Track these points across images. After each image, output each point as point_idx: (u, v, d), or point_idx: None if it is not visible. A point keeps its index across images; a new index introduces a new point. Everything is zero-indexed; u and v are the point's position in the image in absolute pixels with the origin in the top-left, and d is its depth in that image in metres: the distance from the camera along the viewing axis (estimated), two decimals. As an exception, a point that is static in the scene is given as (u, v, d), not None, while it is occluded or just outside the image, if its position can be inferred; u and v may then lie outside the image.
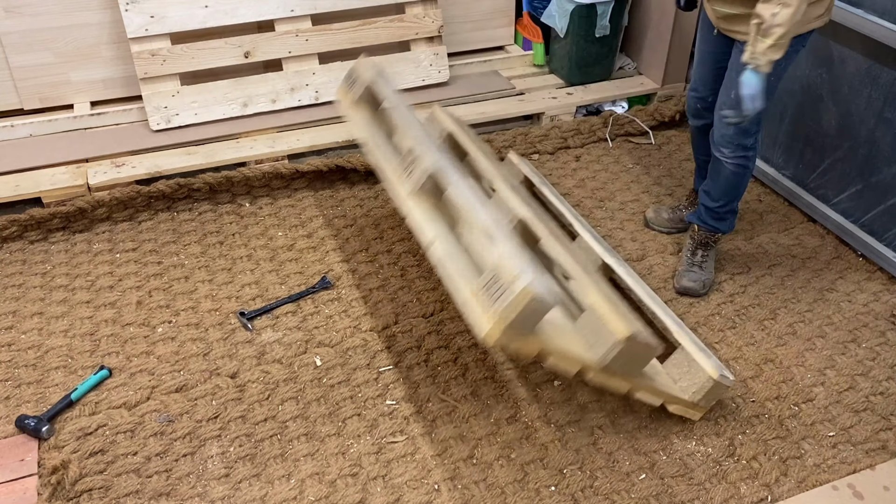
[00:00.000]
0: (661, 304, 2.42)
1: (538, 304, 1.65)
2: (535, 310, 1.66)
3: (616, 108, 3.65)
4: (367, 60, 2.54)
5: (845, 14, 2.68)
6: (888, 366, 2.40)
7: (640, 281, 2.50)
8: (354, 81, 2.51)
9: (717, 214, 2.63)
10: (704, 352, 2.21)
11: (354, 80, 2.52)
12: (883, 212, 2.77)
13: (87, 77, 3.22)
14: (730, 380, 2.15)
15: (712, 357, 2.20)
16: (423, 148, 2.10)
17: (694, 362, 2.16)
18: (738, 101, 2.22)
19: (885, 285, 2.72)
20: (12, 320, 2.49)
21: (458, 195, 1.96)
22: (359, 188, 3.14)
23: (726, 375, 2.15)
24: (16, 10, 3.02)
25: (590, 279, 2.09)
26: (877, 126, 2.72)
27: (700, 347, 2.22)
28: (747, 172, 2.53)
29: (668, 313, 2.37)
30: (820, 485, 2.05)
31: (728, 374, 2.17)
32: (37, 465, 2.02)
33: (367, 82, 2.45)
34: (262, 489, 2.00)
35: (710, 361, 2.16)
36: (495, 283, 1.69)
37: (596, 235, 2.68)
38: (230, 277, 2.67)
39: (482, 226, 1.84)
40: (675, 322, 2.33)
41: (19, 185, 2.89)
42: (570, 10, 3.49)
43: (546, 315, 1.71)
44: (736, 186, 2.56)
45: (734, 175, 2.52)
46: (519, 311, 1.64)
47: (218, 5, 3.16)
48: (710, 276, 2.68)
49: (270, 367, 2.33)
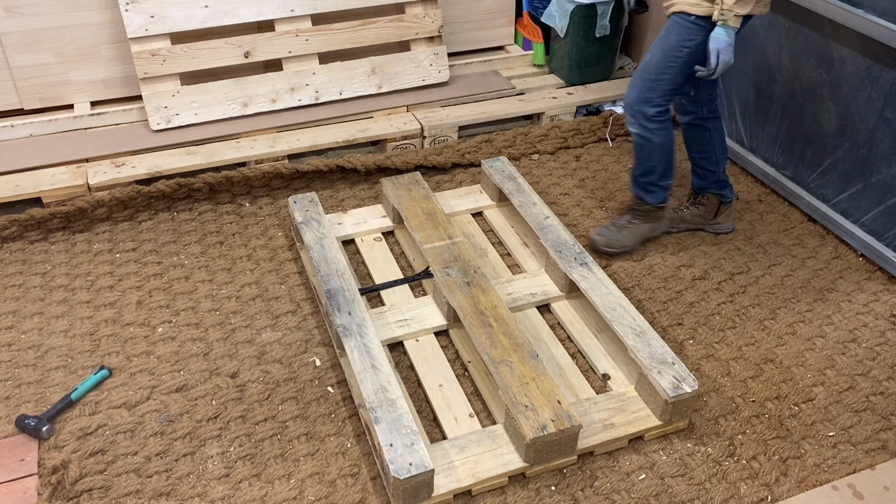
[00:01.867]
0: (623, 313, 2.32)
1: (416, 483, 1.86)
2: (418, 485, 1.88)
3: (616, 107, 3.65)
4: (304, 198, 2.76)
5: (845, 14, 2.68)
6: (888, 366, 2.40)
7: (606, 286, 2.42)
8: (291, 223, 2.68)
9: (640, 184, 2.71)
10: (663, 365, 2.15)
11: (292, 220, 2.69)
12: (883, 212, 2.77)
13: (87, 77, 3.22)
14: (690, 389, 2.09)
15: (672, 366, 2.15)
16: (332, 304, 2.31)
17: (651, 386, 2.14)
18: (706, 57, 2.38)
19: (885, 285, 2.72)
20: (12, 320, 2.49)
21: (350, 363, 2.15)
22: (359, 188, 3.14)
23: (684, 389, 2.09)
24: (16, 10, 3.02)
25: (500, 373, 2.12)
26: (877, 126, 2.72)
27: (659, 360, 2.16)
28: (652, 146, 2.56)
29: (631, 324, 2.29)
30: (820, 485, 2.05)
31: (686, 384, 2.10)
32: (37, 465, 2.02)
33: (297, 223, 2.65)
34: (262, 489, 2.00)
35: (665, 379, 2.11)
36: (383, 471, 1.95)
37: (560, 240, 2.60)
38: (230, 277, 2.67)
39: (367, 403, 2.02)
40: (635, 336, 2.25)
41: (19, 185, 2.89)
42: (570, 10, 3.49)
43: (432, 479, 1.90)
44: (644, 160, 2.61)
45: (638, 147, 2.59)
46: (402, 496, 1.87)
47: (218, 5, 3.16)
48: (625, 242, 2.73)
49: (270, 367, 2.33)
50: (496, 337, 2.22)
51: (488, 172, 2.96)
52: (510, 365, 2.13)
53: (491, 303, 2.34)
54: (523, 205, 2.79)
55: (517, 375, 2.10)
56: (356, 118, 3.36)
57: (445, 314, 2.41)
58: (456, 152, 3.27)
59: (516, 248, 2.80)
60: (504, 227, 2.90)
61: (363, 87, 3.41)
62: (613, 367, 2.33)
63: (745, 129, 3.33)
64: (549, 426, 1.96)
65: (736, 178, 3.28)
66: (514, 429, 2.00)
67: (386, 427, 1.94)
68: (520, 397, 2.03)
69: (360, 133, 3.26)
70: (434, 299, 2.49)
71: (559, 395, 2.04)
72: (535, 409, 2.00)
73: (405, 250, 2.77)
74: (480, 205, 2.98)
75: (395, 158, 3.18)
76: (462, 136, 3.43)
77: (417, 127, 3.32)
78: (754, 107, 3.25)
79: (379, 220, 2.87)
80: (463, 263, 2.48)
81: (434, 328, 2.41)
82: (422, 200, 2.76)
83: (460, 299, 2.34)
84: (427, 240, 2.59)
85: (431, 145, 3.35)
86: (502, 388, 2.06)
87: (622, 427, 2.12)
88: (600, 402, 2.19)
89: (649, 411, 2.16)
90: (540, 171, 3.29)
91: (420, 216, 2.69)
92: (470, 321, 2.27)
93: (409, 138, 3.32)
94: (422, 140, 3.34)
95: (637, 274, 2.73)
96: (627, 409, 2.17)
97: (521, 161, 3.35)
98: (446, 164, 3.24)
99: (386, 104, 3.42)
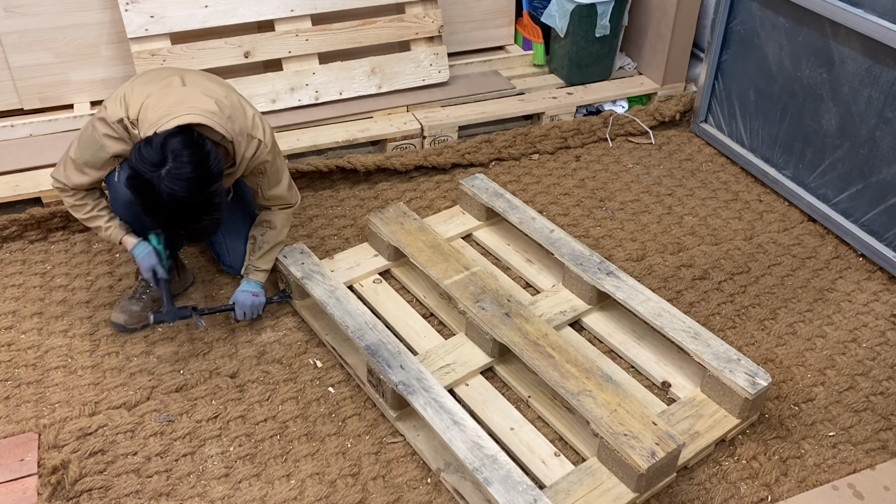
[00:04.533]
0: (671, 317, 2.32)
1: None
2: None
3: (616, 107, 3.65)
4: (293, 250, 2.53)
5: (845, 14, 2.68)
6: (888, 366, 2.40)
7: (641, 292, 2.40)
8: (287, 280, 2.52)
9: None
10: (730, 363, 2.15)
11: (286, 278, 2.52)
12: (883, 212, 2.77)
13: (87, 77, 3.22)
14: (766, 383, 2.10)
15: (740, 363, 2.16)
16: (380, 361, 2.14)
17: (725, 386, 2.12)
18: None
19: (885, 285, 2.72)
20: (12, 320, 2.48)
21: (426, 422, 2.02)
22: (359, 188, 3.14)
23: (760, 383, 2.10)
24: (16, 10, 3.01)
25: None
26: (877, 126, 2.72)
27: (725, 359, 2.17)
28: None
29: (682, 327, 2.28)
30: (820, 485, 2.05)
31: (760, 377, 2.12)
32: (37, 465, 2.02)
33: (297, 280, 2.45)
34: (262, 489, 2.00)
35: (739, 377, 2.11)
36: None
37: (576, 252, 2.54)
38: (230, 277, 2.67)
39: (468, 464, 1.91)
40: (692, 338, 2.23)
41: (19, 185, 2.89)
42: (570, 9, 3.49)
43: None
44: None
45: None
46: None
47: (218, 5, 3.16)
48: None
49: (270, 367, 2.33)
50: (563, 367, 2.12)
51: (471, 192, 2.83)
52: (591, 395, 2.04)
53: (541, 331, 2.23)
54: (523, 221, 2.69)
55: (602, 404, 2.02)
56: (356, 118, 3.36)
57: (489, 350, 2.28)
58: (456, 152, 3.27)
59: (522, 267, 2.70)
60: (500, 246, 2.78)
61: (363, 86, 3.41)
62: (669, 373, 2.29)
63: (745, 129, 3.33)
64: (658, 451, 1.90)
65: (736, 178, 3.28)
66: (618, 460, 1.92)
67: (501, 487, 1.83)
68: (615, 427, 1.95)
69: (360, 133, 3.26)
70: (469, 336, 2.34)
71: (653, 416, 1.99)
72: (635, 436, 1.93)
73: (410, 288, 2.60)
74: (468, 227, 2.84)
75: (395, 159, 3.18)
76: (462, 136, 3.43)
77: (417, 127, 3.32)
78: (754, 107, 3.25)
79: (371, 259, 2.66)
80: (493, 294, 2.36)
81: (480, 367, 2.28)
82: (419, 233, 2.60)
83: (507, 333, 2.22)
84: (444, 275, 2.44)
85: (431, 145, 3.35)
86: (593, 421, 1.98)
87: (708, 433, 2.09)
88: (676, 412, 2.14)
89: (725, 411, 2.14)
90: (540, 171, 3.29)
91: (425, 250, 2.53)
92: (529, 355, 2.15)
93: (409, 138, 3.32)
94: (422, 140, 3.34)
95: (637, 274, 2.72)
96: (704, 413, 2.14)
97: (521, 161, 3.35)
98: (446, 164, 3.24)
99: (386, 104, 3.42)
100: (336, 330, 2.39)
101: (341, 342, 2.37)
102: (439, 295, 2.52)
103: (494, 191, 2.84)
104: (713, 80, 3.42)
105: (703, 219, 3.03)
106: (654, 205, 3.11)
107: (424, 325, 2.45)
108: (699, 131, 3.55)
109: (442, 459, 2.02)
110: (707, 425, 2.11)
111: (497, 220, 2.85)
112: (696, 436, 2.09)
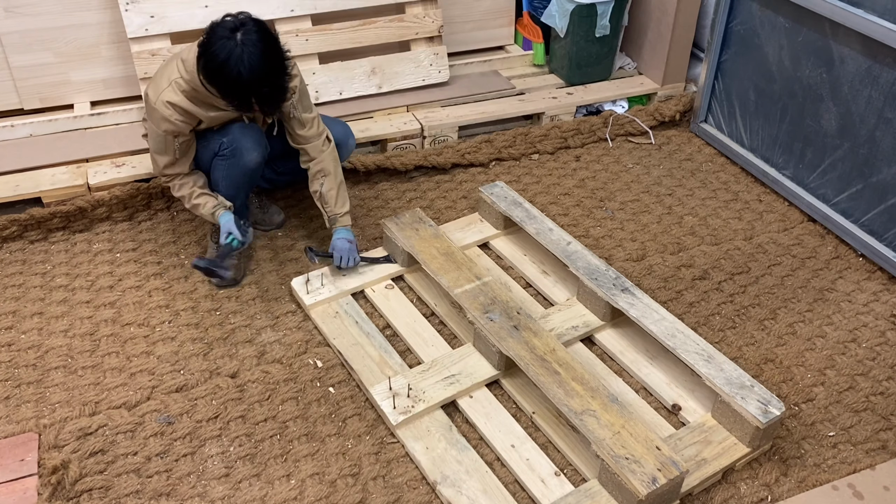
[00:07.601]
0: (684, 338, 2.25)
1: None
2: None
3: (616, 107, 3.65)
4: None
5: (845, 14, 2.69)
6: (888, 366, 2.40)
7: (656, 311, 2.34)
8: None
9: None
10: (743, 390, 2.09)
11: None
12: (883, 212, 2.77)
13: (87, 77, 3.22)
14: (778, 413, 2.03)
15: (753, 389, 2.09)
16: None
17: (735, 413, 2.06)
18: None
19: (885, 285, 2.72)
20: (12, 320, 2.49)
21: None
22: (360, 188, 3.14)
23: (772, 412, 2.03)
24: (16, 10, 3.01)
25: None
26: (877, 126, 2.72)
27: (738, 385, 2.10)
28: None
29: (695, 349, 2.21)
30: (820, 485, 2.05)
31: (773, 406, 2.05)
32: (37, 465, 2.02)
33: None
34: (262, 489, 2.00)
35: (751, 405, 2.05)
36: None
37: (591, 267, 2.50)
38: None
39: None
40: (705, 362, 2.17)
41: (19, 185, 2.89)
42: (570, 9, 3.49)
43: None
44: None
45: None
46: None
47: (218, 5, 3.16)
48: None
49: (270, 367, 2.33)
50: (568, 385, 2.07)
51: (490, 200, 2.79)
52: (594, 415, 2.00)
53: (548, 346, 2.19)
54: (540, 232, 2.64)
55: (605, 425, 1.97)
56: (356, 118, 3.36)
57: (496, 363, 2.24)
58: (456, 152, 3.27)
59: (537, 278, 2.65)
60: (517, 256, 2.75)
61: (363, 87, 3.41)
62: (680, 395, 2.23)
63: (745, 129, 3.33)
64: (659, 478, 1.85)
65: (736, 178, 3.28)
66: (618, 484, 1.88)
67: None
68: (617, 449, 1.91)
69: (360, 133, 3.26)
70: (476, 347, 2.32)
71: (657, 441, 1.94)
72: (637, 460, 1.89)
73: (422, 295, 2.57)
74: (485, 235, 2.81)
75: (395, 159, 3.18)
76: (462, 136, 3.43)
77: (417, 127, 3.32)
78: (754, 107, 3.25)
79: (383, 265, 2.66)
80: (503, 305, 2.33)
81: (485, 380, 2.24)
82: (433, 239, 2.58)
83: (514, 346, 2.19)
84: (455, 283, 2.41)
85: (431, 145, 3.35)
86: (595, 443, 1.93)
87: (715, 461, 2.03)
88: (684, 437, 2.08)
89: (735, 439, 2.08)
90: (540, 171, 3.30)
91: (438, 258, 2.51)
92: (534, 370, 2.11)
93: (409, 138, 3.32)
94: (422, 140, 3.34)
95: (637, 274, 2.73)
96: (713, 440, 2.08)
97: (521, 161, 3.35)
98: (446, 164, 3.24)
99: (386, 104, 3.42)
100: (345, 334, 2.39)
101: (349, 346, 2.37)
102: (450, 303, 2.49)
103: (513, 199, 2.79)
104: (713, 80, 3.42)
105: (702, 219, 3.03)
106: (654, 205, 3.11)
107: (433, 333, 2.43)
108: (699, 131, 3.55)
109: (439, 472, 2.01)
110: (715, 452, 2.05)
111: (515, 228, 2.80)
112: (702, 463, 2.02)
